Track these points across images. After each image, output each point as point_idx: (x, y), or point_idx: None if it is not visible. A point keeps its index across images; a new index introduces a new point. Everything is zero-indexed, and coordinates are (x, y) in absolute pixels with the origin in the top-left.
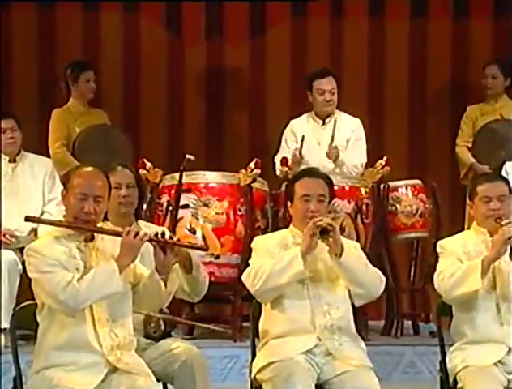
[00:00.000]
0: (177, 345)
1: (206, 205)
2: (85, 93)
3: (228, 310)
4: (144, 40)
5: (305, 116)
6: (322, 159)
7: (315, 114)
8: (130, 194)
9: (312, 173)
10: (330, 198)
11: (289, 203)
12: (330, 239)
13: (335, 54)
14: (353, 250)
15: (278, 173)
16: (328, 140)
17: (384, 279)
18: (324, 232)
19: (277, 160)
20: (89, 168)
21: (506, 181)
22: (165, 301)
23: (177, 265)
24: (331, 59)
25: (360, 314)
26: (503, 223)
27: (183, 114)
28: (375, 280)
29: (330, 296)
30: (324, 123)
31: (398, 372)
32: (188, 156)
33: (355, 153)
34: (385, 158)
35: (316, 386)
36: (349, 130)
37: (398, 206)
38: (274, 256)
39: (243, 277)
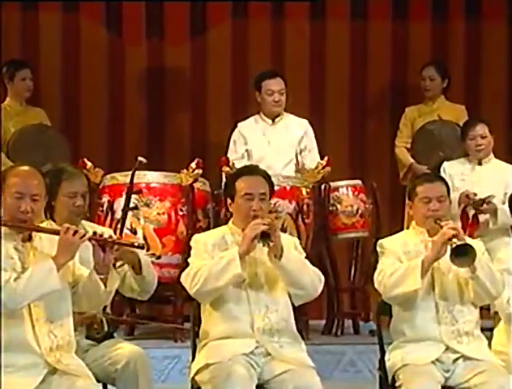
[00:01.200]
0: (121, 346)
1: (147, 205)
2: (21, 92)
3: (169, 311)
4: (84, 40)
5: (252, 118)
6: (274, 158)
7: (264, 115)
8: (85, 204)
9: (252, 170)
10: (270, 195)
11: (229, 201)
12: (271, 243)
13: (277, 55)
14: (293, 251)
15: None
16: (279, 140)
17: (323, 278)
18: (264, 236)
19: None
20: (25, 167)
21: (445, 181)
22: (105, 301)
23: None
24: (273, 60)
25: (301, 314)
26: (442, 224)
27: (124, 114)
28: (314, 281)
29: (269, 298)
30: (273, 123)
31: (339, 371)
32: (140, 158)
33: (312, 156)
34: (326, 158)
35: (256, 386)
36: (299, 131)
37: (338, 206)
38: (212, 255)
39: (182, 278)
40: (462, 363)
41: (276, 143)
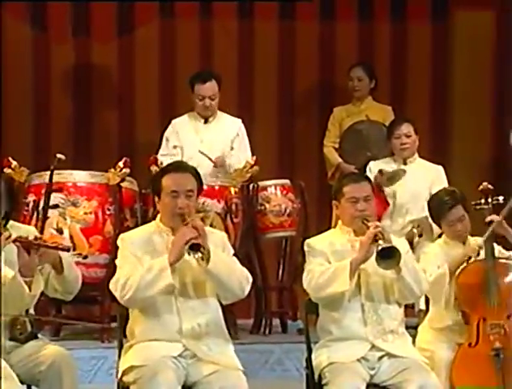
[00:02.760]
0: (46, 347)
1: (74, 204)
2: None
3: (96, 311)
4: (8, 38)
5: (186, 115)
6: (205, 157)
7: (197, 114)
8: None
9: (179, 167)
10: (199, 189)
11: (156, 198)
12: (200, 254)
13: (205, 54)
14: (220, 252)
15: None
16: (212, 138)
17: (250, 278)
18: (194, 249)
19: (160, 158)
20: None
21: (370, 180)
22: (29, 304)
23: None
24: (201, 59)
25: (229, 313)
26: (369, 224)
27: (50, 112)
28: (242, 282)
29: (197, 301)
30: (206, 122)
31: (266, 369)
32: (59, 156)
33: (241, 155)
34: (254, 158)
35: (183, 388)
36: (232, 131)
37: (267, 205)
38: (140, 257)
39: (110, 286)
40: (387, 361)
41: (209, 141)
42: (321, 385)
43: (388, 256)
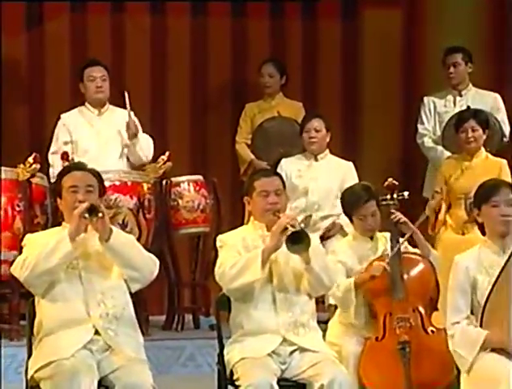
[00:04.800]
0: None
1: None
2: None
3: (5, 309)
4: None
5: (76, 109)
6: (103, 149)
7: (89, 104)
8: None
9: (78, 166)
10: (100, 189)
11: (59, 199)
12: (99, 215)
13: (117, 50)
14: (123, 233)
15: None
16: (107, 130)
17: (157, 261)
18: (92, 212)
19: (50, 156)
20: None
21: (280, 176)
22: None
23: None
24: (113, 54)
25: (141, 309)
26: (281, 216)
27: None
28: (149, 262)
29: (104, 284)
30: (100, 113)
31: (178, 365)
32: None
33: (144, 142)
34: (167, 153)
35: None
36: (124, 122)
37: (180, 201)
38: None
39: (12, 268)
40: (299, 355)
41: (105, 134)
42: (232, 380)
43: (298, 240)
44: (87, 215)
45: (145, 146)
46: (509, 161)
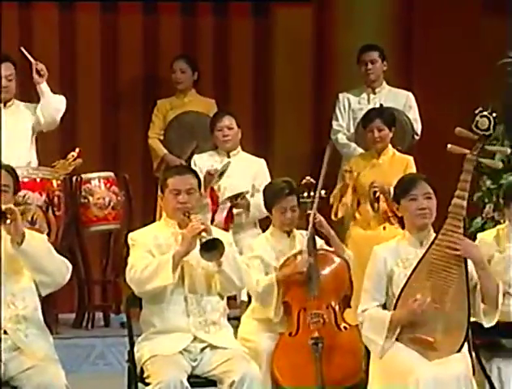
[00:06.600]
0: None
1: None
2: None
3: None
4: None
5: None
6: (9, 145)
7: None
8: None
9: None
10: (15, 188)
11: None
12: (9, 222)
13: (25, 45)
14: (36, 235)
15: None
16: (13, 123)
17: (70, 266)
18: (1, 217)
19: None
20: None
21: (195, 173)
22: None
23: None
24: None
25: (50, 307)
26: (192, 217)
27: None
28: (61, 267)
29: (15, 286)
30: (5, 106)
31: (88, 364)
32: None
33: (56, 98)
34: (77, 150)
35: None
36: (31, 117)
37: (90, 198)
38: None
39: None
40: (210, 352)
41: (12, 127)
42: (142, 378)
43: (211, 248)
44: None
45: (57, 100)
46: (416, 158)
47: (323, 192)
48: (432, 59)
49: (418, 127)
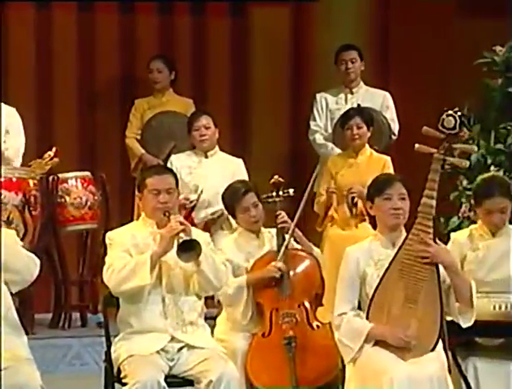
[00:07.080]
0: None
1: None
2: None
3: None
4: None
5: None
6: None
7: None
8: None
9: None
10: None
11: None
12: None
13: (1, 45)
14: (4, 234)
15: None
16: None
17: (38, 262)
18: None
19: None
20: None
21: (173, 173)
22: None
23: None
24: None
25: (26, 308)
26: (171, 218)
27: None
28: (29, 264)
29: None
30: None
31: (65, 364)
32: None
33: (15, 140)
34: (54, 149)
35: None
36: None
37: (67, 197)
38: None
39: None
40: (187, 352)
41: None
42: (119, 378)
43: (189, 249)
44: None
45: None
46: (393, 158)
47: (291, 191)
48: (408, 59)
49: (395, 127)
